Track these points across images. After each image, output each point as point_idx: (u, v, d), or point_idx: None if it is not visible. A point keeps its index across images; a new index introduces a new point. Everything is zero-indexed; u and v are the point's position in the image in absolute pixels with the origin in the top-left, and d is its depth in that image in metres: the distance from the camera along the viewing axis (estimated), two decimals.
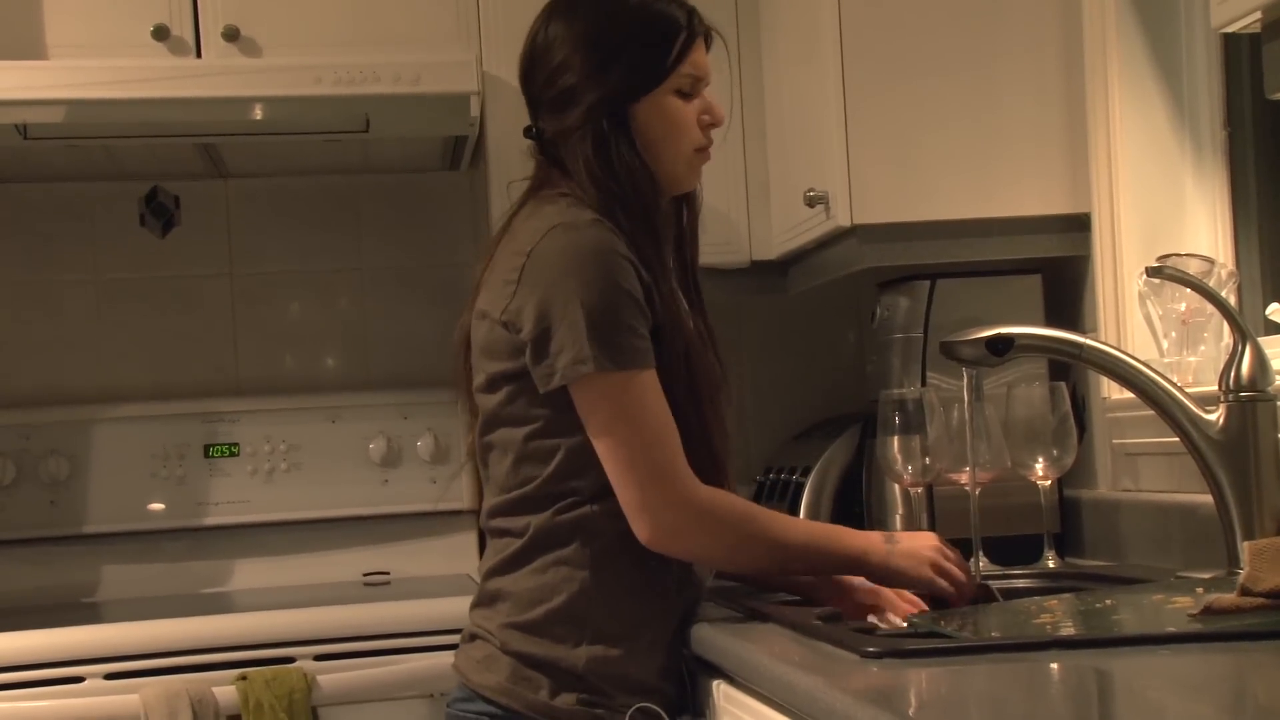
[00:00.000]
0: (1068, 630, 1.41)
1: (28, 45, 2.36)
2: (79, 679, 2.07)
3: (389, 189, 2.83)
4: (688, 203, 1.83)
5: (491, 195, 2.48)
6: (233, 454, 2.66)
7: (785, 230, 2.47)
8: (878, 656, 1.25)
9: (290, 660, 2.12)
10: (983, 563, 2.04)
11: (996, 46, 2.19)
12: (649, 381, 1.61)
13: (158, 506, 2.62)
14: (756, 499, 2.67)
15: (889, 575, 1.67)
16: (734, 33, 2.58)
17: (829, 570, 1.70)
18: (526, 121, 1.78)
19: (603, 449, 1.60)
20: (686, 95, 1.74)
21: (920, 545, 1.68)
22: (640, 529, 1.60)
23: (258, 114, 2.38)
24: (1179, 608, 1.38)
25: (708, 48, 1.78)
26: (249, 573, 2.63)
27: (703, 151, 1.78)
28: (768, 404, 2.89)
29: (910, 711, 1.06)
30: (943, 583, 1.66)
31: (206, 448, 2.66)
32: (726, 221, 2.59)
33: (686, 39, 1.73)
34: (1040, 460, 2.01)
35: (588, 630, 1.62)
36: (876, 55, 2.17)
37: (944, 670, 1.21)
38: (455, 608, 2.26)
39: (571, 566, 1.63)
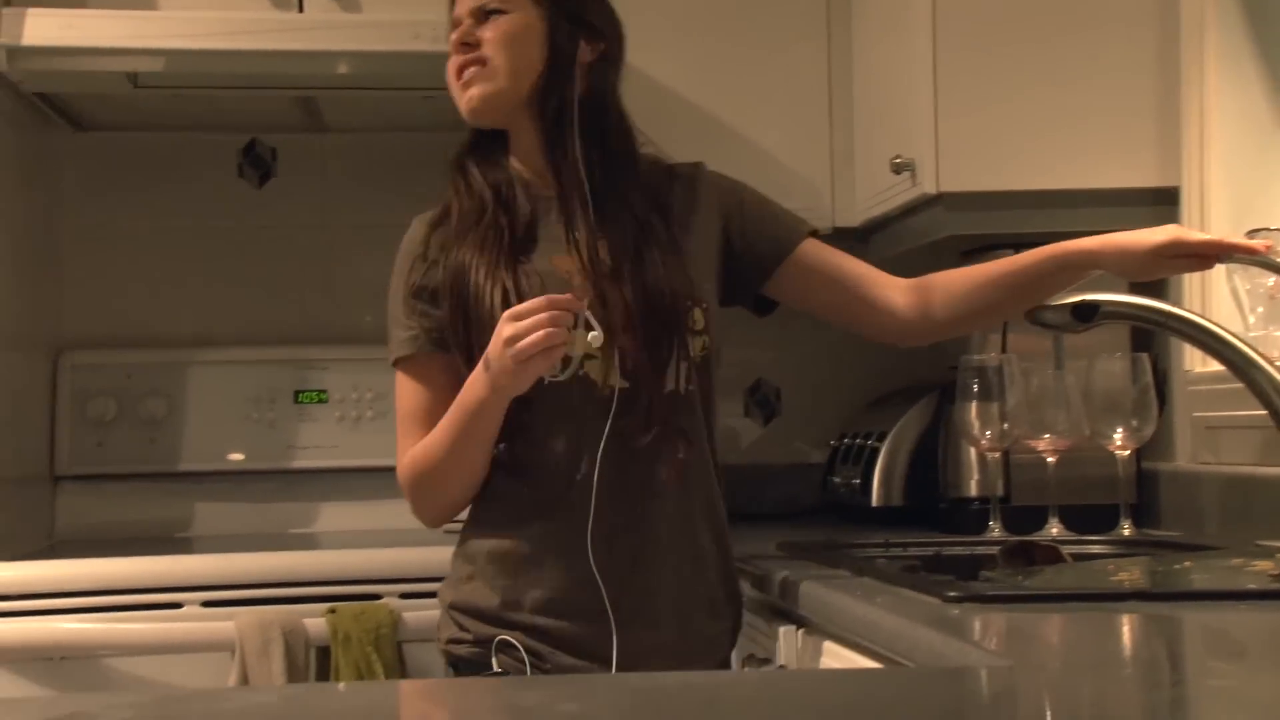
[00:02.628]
0: (1144, 586, 1.44)
1: None
2: (178, 605, 2.15)
3: None
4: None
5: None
6: (321, 400, 2.73)
7: (869, 197, 2.50)
8: (959, 600, 1.29)
9: (377, 597, 2.19)
10: (1056, 529, 2.07)
11: (1090, 16, 2.20)
12: (403, 376, 1.79)
13: (249, 448, 2.70)
14: (830, 464, 2.71)
15: (507, 387, 1.64)
16: (824, 3, 2.61)
17: (485, 429, 1.69)
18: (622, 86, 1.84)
19: None
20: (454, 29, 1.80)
21: (491, 348, 1.64)
22: None
23: (355, 68, 2.44)
24: (1259, 570, 1.41)
25: None
26: (334, 515, 2.71)
27: (455, 73, 1.80)
28: (845, 370, 2.92)
29: (992, 645, 1.10)
30: (526, 340, 1.58)
31: (296, 393, 2.73)
32: (810, 187, 2.62)
33: None
34: (1120, 430, 2.03)
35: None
36: (969, 23, 2.19)
37: (1021, 615, 1.25)
38: None
39: None
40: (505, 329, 1.59)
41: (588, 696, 0.97)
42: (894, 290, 1.84)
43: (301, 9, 2.47)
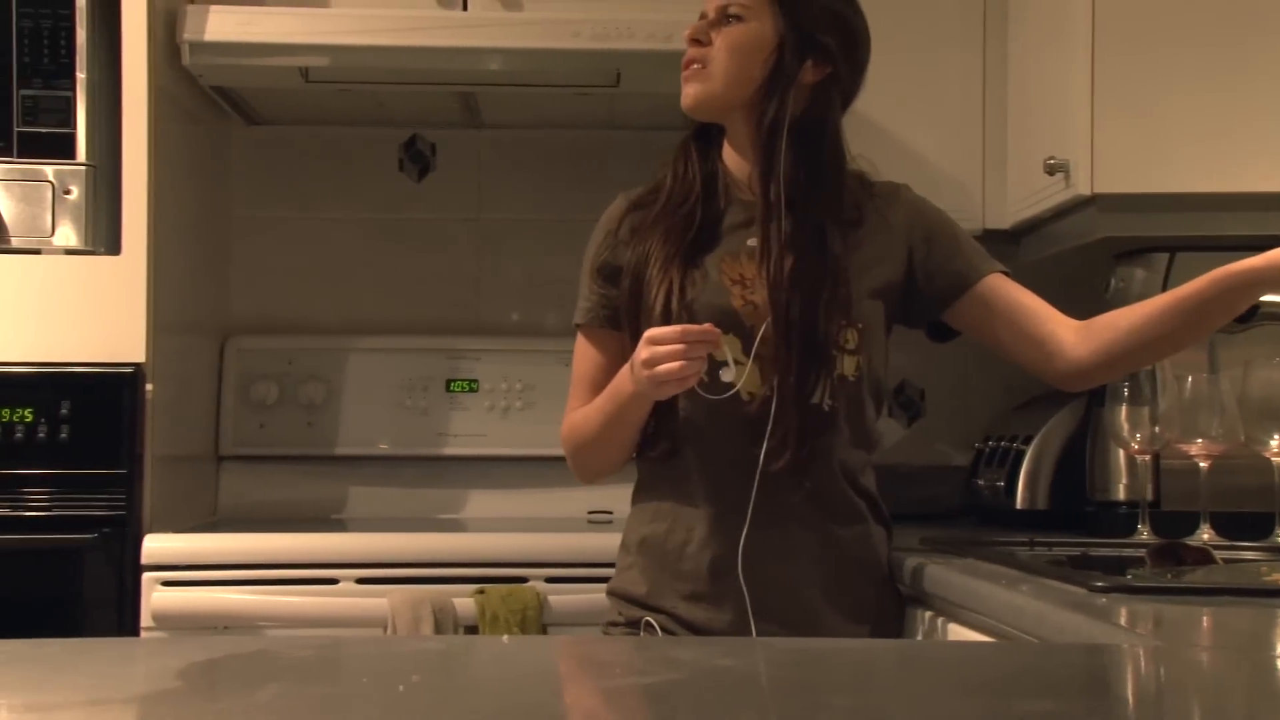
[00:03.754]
0: None
1: None
2: (334, 580, 2.23)
3: (630, 145, 2.94)
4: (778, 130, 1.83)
5: None
6: (472, 389, 2.81)
7: (1021, 199, 2.49)
8: (1105, 591, 1.29)
9: (524, 580, 2.25)
10: (1207, 535, 2.04)
11: (1249, 19, 2.17)
12: (581, 339, 1.93)
13: (401, 434, 2.78)
14: (974, 466, 2.70)
15: (646, 394, 1.74)
16: (980, 9, 2.61)
17: (631, 416, 1.79)
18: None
19: None
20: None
21: (633, 358, 1.72)
22: None
23: (515, 64, 2.51)
24: None
25: None
26: (481, 502, 2.78)
27: (683, 65, 1.86)
28: (990, 373, 2.90)
29: (1138, 629, 1.11)
30: (660, 368, 1.66)
31: (448, 382, 2.81)
32: (961, 188, 2.62)
33: None
34: (1276, 437, 2.00)
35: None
36: (1127, 25, 2.17)
37: (1170, 606, 1.25)
38: None
39: None
40: (643, 351, 1.68)
41: (742, 654, 1.00)
42: (1066, 329, 1.86)
43: (466, 7, 2.55)
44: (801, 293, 1.74)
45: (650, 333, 1.67)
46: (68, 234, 2.32)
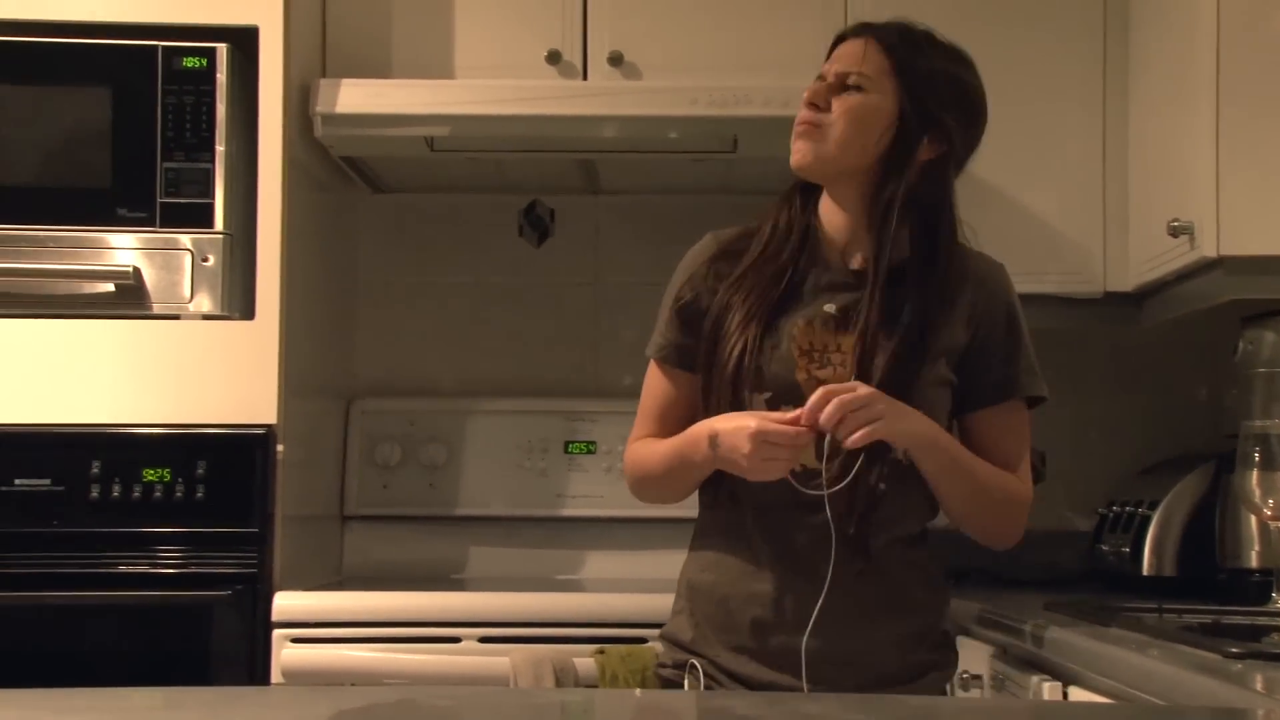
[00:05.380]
0: None
1: (439, 66, 2.62)
2: (456, 639, 2.27)
3: (746, 209, 2.95)
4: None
5: None
6: (590, 451, 2.84)
7: (1144, 261, 2.47)
8: (1240, 657, 1.27)
9: (643, 640, 2.26)
10: None
11: None
12: (653, 368, 1.96)
13: (520, 495, 2.82)
14: (1098, 531, 2.66)
15: (727, 464, 1.75)
16: (1100, 70, 2.60)
17: (699, 468, 1.81)
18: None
19: None
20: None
21: (735, 440, 1.71)
22: None
23: (634, 132, 2.56)
24: None
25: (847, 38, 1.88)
26: (599, 563, 2.80)
27: (796, 124, 1.87)
28: (1112, 437, 2.87)
29: (1276, 696, 1.09)
30: (776, 460, 1.68)
31: (566, 444, 2.85)
32: (1081, 251, 2.60)
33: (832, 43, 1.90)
34: None
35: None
36: (1254, 84, 2.16)
37: None
38: None
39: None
40: (749, 444, 1.69)
41: (845, 709, 1.00)
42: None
43: (586, 76, 2.61)
44: (890, 382, 1.73)
45: (763, 430, 1.68)
46: (204, 300, 2.41)
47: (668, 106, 2.51)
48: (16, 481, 2.32)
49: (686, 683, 1.82)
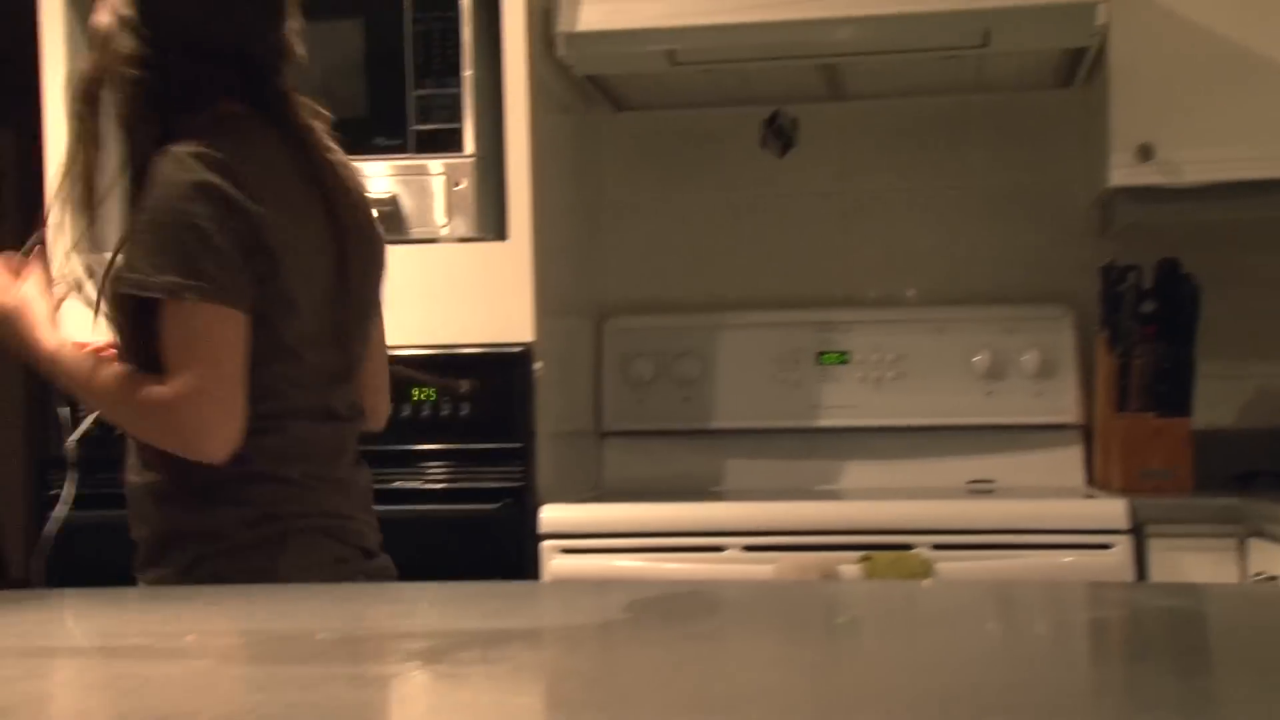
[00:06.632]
0: None
1: None
2: (720, 548, 2.28)
3: (997, 108, 2.87)
4: None
5: (1111, 109, 2.47)
6: (843, 361, 2.81)
7: None
8: None
9: (909, 547, 2.23)
10: None
11: None
12: None
13: (774, 407, 2.81)
14: None
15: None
16: None
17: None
18: (1157, 32, 1.77)
19: None
20: None
21: None
22: None
23: (879, 31, 2.49)
24: None
25: None
26: (857, 474, 2.77)
27: None
28: None
29: None
30: None
31: (819, 354, 2.82)
32: None
33: None
34: None
35: None
36: None
37: None
38: (1070, 510, 2.31)
39: None
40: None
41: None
42: None
43: None
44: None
45: None
46: (459, 223, 2.46)
47: (914, 2, 2.43)
48: None
49: None
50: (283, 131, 1.67)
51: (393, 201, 2.45)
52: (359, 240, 1.72)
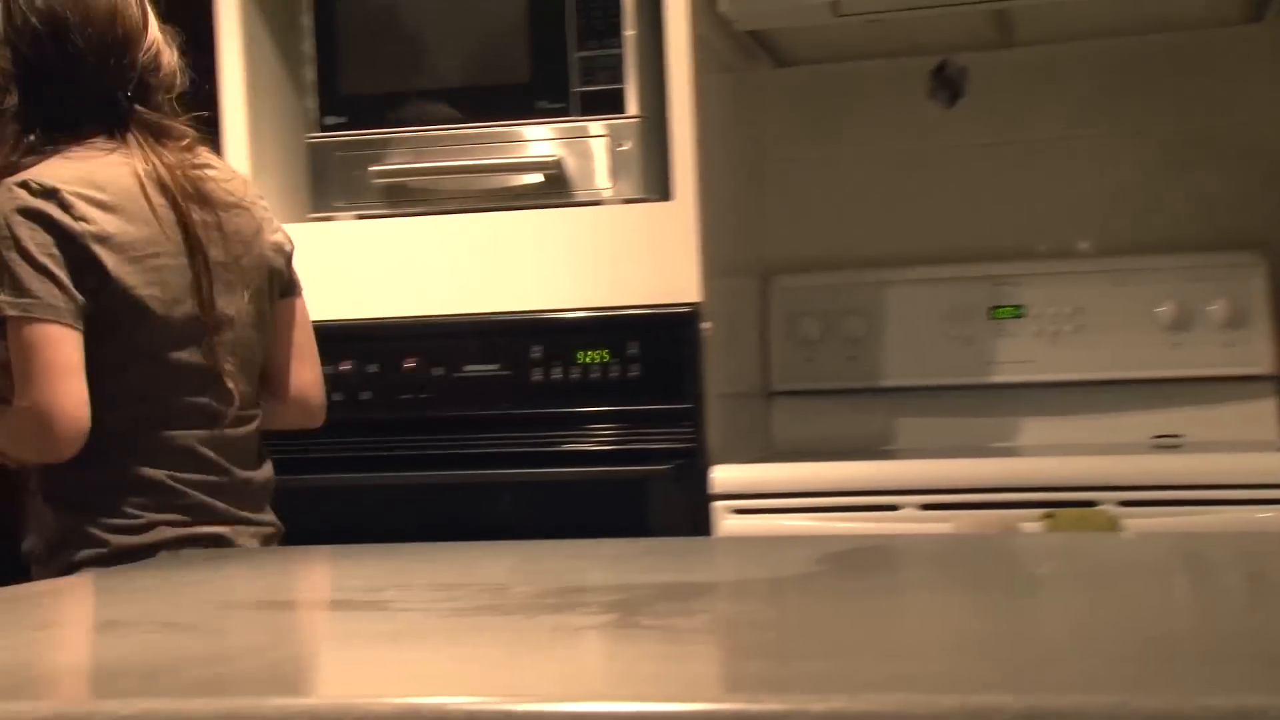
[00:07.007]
0: None
1: None
2: (895, 507, 2.23)
3: (1178, 47, 2.75)
4: None
5: None
6: (1018, 315, 2.73)
7: None
8: None
9: (1093, 504, 2.16)
10: None
11: None
12: None
13: (946, 364, 2.75)
14: None
15: None
16: None
17: None
18: None
19: None
20: None
21: None
22: None
23: None
24: None
25: None
26: (1035, 430, 2.70)
27: None
28: None
29: None
30: None
31: (991, 309, 2.74)
32: None
33: None
34: None
35: None
36: None
37: None
38: (1264, 464, 2.22)
39: None
40: None
41: None
42: None
43: None
44: None
45: None
46: (624, 185, 2.44)
47: None
48: (466, 368, 2.45)
49: None
50: (142, 153, 1.77)
51: (557, 165, 2.44)
52: (220, 245, 1.78)
